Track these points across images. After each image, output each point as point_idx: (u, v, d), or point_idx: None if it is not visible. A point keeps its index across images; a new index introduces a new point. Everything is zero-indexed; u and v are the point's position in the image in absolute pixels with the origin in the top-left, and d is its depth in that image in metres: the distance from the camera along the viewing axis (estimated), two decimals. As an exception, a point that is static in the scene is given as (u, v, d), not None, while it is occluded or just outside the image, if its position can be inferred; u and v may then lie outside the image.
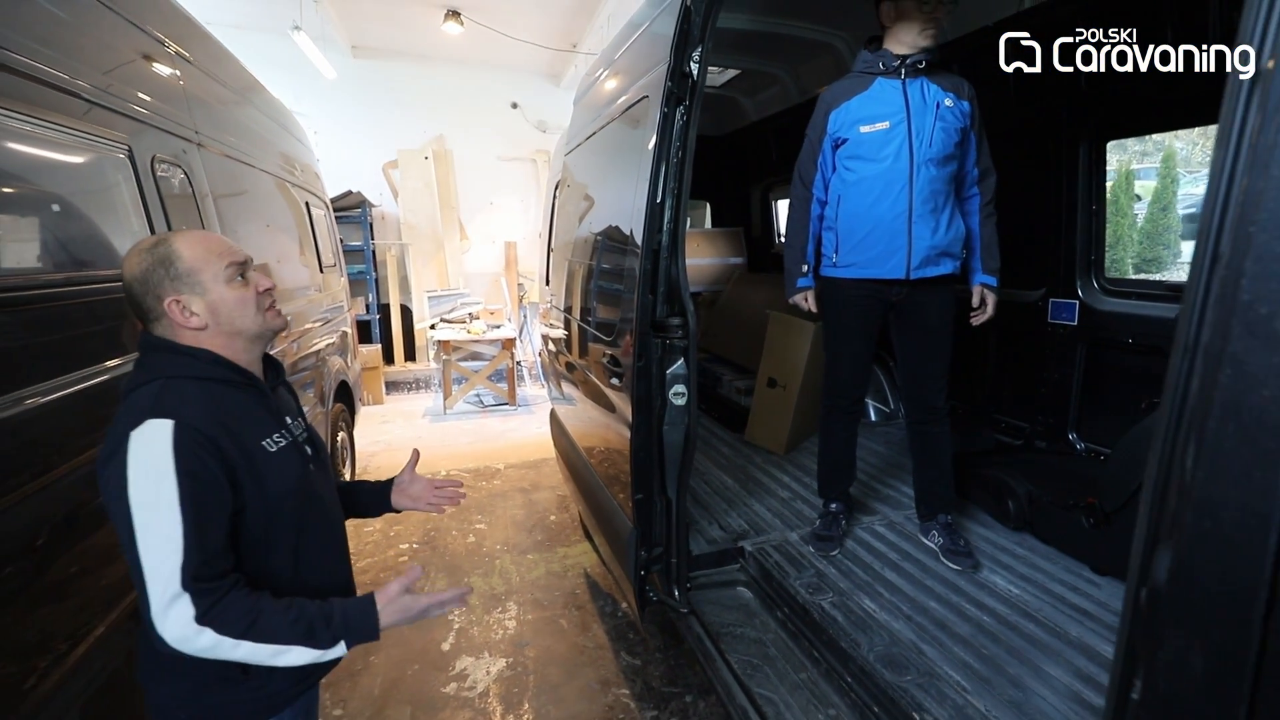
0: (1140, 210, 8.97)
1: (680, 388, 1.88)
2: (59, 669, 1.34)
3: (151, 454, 0.92)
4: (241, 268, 1.09)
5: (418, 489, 1.46)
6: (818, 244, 2.21)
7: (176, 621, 0.90)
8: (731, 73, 4.06)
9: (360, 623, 1.05)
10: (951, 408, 3.21)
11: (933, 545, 2.21)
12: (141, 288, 1.02)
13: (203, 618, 0.91)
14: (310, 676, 1.15)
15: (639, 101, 2.08)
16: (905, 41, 1.96)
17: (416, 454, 1.53)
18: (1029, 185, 2.70)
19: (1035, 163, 2.66)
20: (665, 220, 1.83)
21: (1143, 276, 8.46)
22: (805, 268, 2.21)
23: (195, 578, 0.91)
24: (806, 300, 2.24)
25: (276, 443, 1.08)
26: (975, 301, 2.14)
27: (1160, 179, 9.16)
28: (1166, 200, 8.83)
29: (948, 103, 1.97)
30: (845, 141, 2.05)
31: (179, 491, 0.91)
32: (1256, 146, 0.53)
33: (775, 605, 2.04)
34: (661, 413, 1.88)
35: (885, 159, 1.99)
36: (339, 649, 1.03)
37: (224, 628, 0.92)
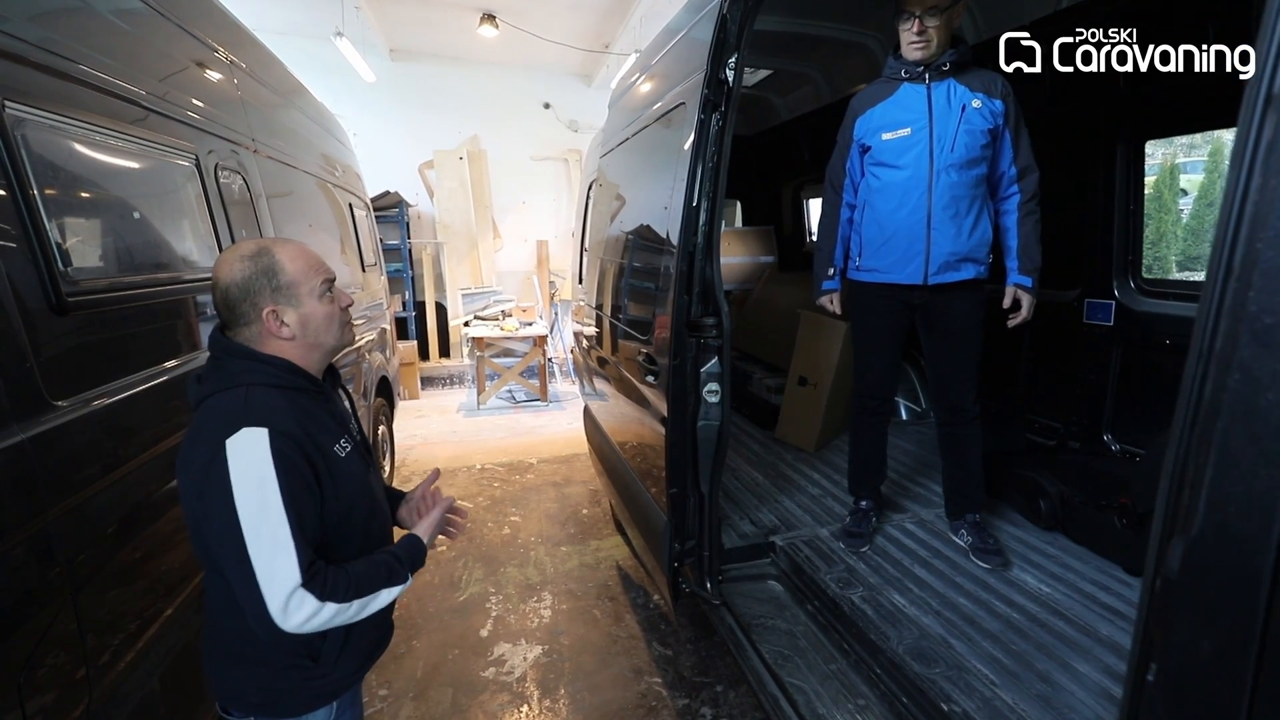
0: (1186, 206, 8.69)
1: (714, 385, 1.93)
2: (140, 641, 1.46)
3: (253, 460, 0.97)
4: (332, 284, 1.15)
5: (431, 518, 1.27)
6: (845, 247, 2.25)
7: (299, 610, 0.98)
8: (764, 73, 4.08)
9: (417, 551, 1.19)
10: (984, 407, 3.22)
11: (962, 543, 2.22)
12: (240, 293, 1.07)
13: (322, 596, 0.99)
14: (368, 661, 1.23)
15: (676, 108, 2.13)
16: (904, 52, 1.99)
17: (436, 472, 1.42)
18: (1065, 184, 2.69)
19: (1071, 162, 2.64)
20: (700, 222, 1.89)
21: (1184, 276, 8.21)
22: (831, 271, 2.25)
23: (307, 571, 0.98)
24: (831, 303, 2.29)
25: (344, 448, 1.14)
26: (1007, 303, 2.10)
27: (1208, 173, 8.86)
28: (1214, 196, 8.54)
29: (975, 104, 1.96)
30: (870, 149, 2.08)
31: (282, 496, 0.97)
32: (1267, 167, 0.57)
33: (806, 598, 2.09)
34: (695, 409, 1.94)
35: (906, 166, 2.00)
36: (409, 579, 1.15)
37: (338, 595, 1.01)
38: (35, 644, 1.14)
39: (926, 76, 1.98)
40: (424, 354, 7.66)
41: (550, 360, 7.32)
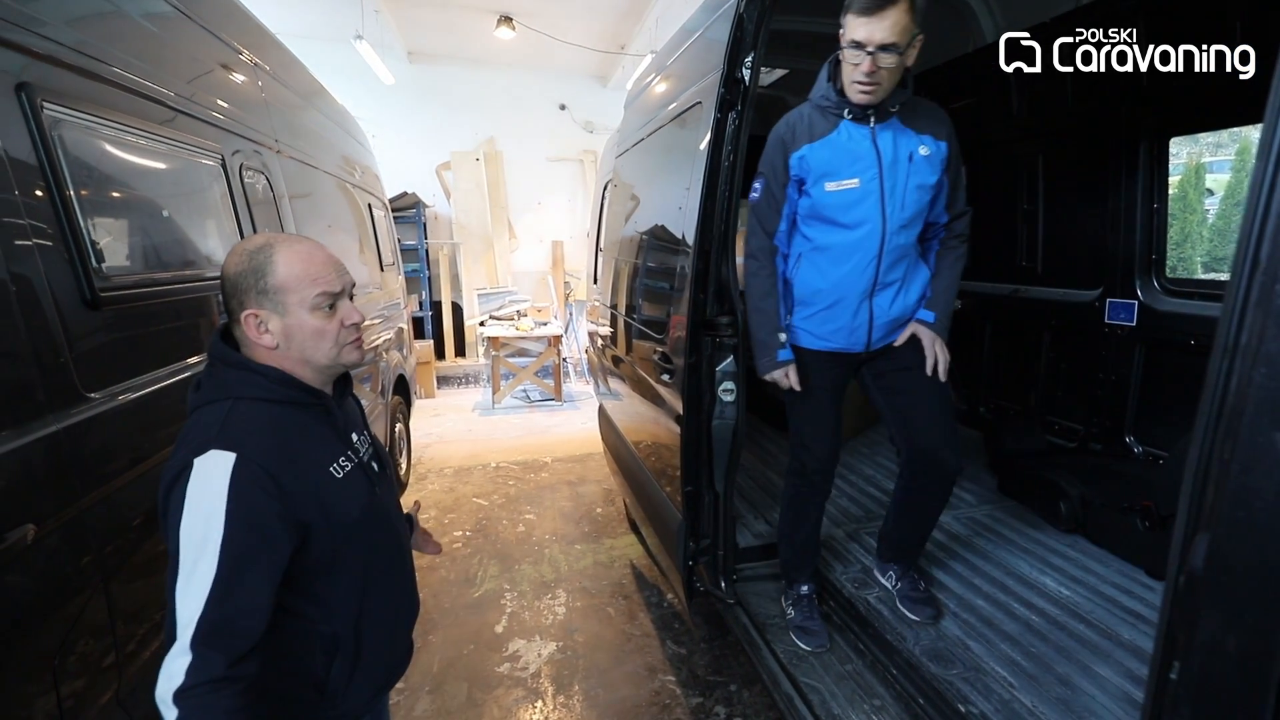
0: (1211, 205, 8.53)
1: (729, 384, 1.93)
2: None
3: (209, 489, 0.88)
4: (333, 298, 1.03)
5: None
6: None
7: (169, 678, 0.83)
8: (779, 72, 4.07)
9: None
10: (1003, 409, 3.19)
11: (889, 586, 1.99)
12: (231, 288, 0.99)
13: (180, 696, 0.82)
14: (381, 691, 1.16)
15: (692, 107, 2.14)
16: (847, 90, 1.65)
17: (418, 505, 1.45)
18: (1086, 183, 2.66)
19: (1092, 160, 2.61)
20: (716, 222, 1.89)
21: (1211, 276, 8.05)
22: (783, 337, 1.81)
23: (205, 639, 0.84)
24: (788, 377, 1.81)
25: (343, 467, 1.04)
26: (901, 339, 1.81)
27: (1235, 172, 8.71)
28: (1241, 195, 8.38)
29: (923, 151, 1.67)
30: (809, 195, 1.74)
31: (223, 537, 0.87)
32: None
33: (821, 599, 2.08)
34: (711, 408, 1.94)
35: (855, 225, 1.69)
36: None
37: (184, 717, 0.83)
38: (68, 630, 1.17)
39: (872, 118, 1.66)
40: (440, 353, 7.73)
41: (565, 360, 7.35)
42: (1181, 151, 8.43)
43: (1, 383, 1.11)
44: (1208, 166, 8.92)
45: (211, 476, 0.89)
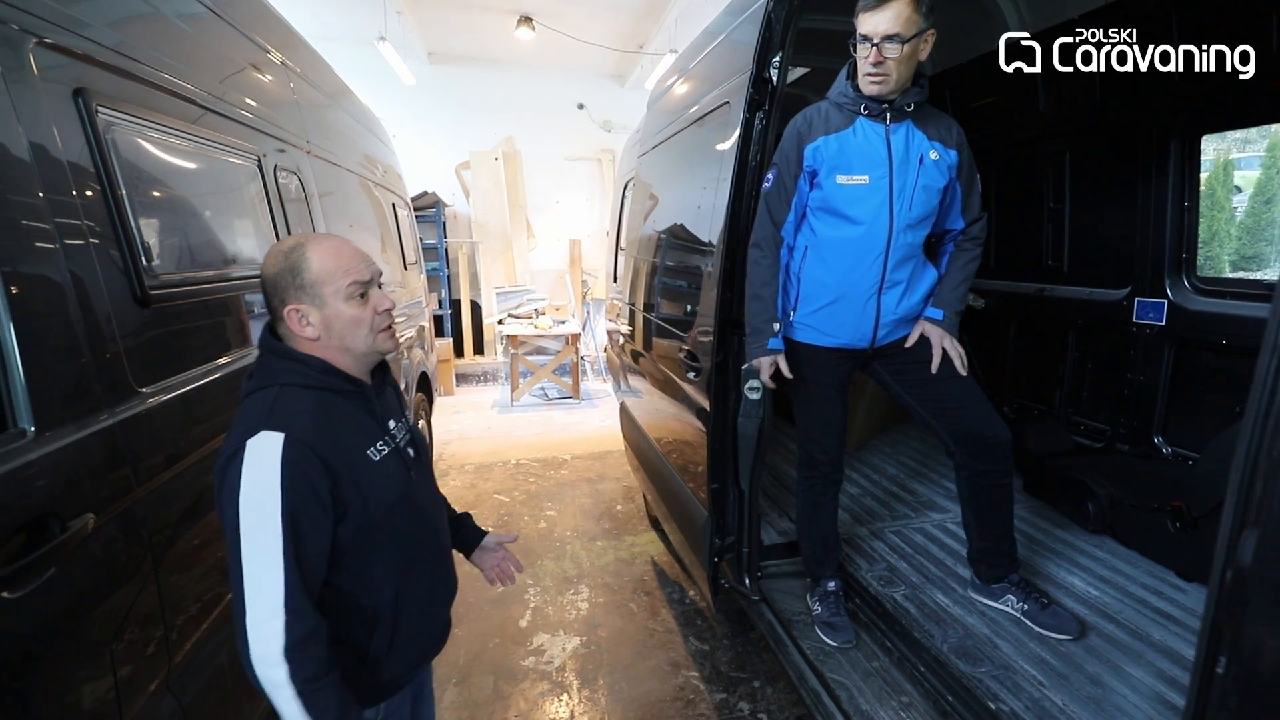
0: (1240, 203, 8.37)
1: (755, 383, 1.94)
2: (211, 617, 1.54)
3: (262, 464, 0.97)
4: (364, 286, 1.10)
5: (492, 560, 1.47)
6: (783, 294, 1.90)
7: (265, 640, 0.93)
8: (800, 71, 4.06)
9: None
10: (1028, 408, 3.17)
11: (1013, 611, 1.88)
12: (271, 288, 1.08)
13: (289, 651, 0.93)
14: (421, 662, 1.21)
15: (718, 108, 2.15)
16: (860, 83, 1.72)
17: (514, 537, 1.54)
18: (1114, 181, 2.63)
19: (1121, 158, 2.58)
20: (744, 220, 1.91)
21: (1241, 275, 7.90)
22: (776, 326, 1.83)
23: (293, 598, 0.95)
24: (775, 366, 1.83)
25: (380, 451, 1.11)
26: (911, 339, 1.85)
27: (1265, 169, 8.53)
28: (1271, 192, 8.20)
29: (933, 155, 1.72)
30: (820, 187, 1.77)
31: (281, 505, 0.96)
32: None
33: (846, 596, 2.09)
34: (736, 406, 1.96)
35: (862, 220, 1.73)
36: None
37: (297, 670, 0.94)
38: (124, 617, 1.22)
39: (887, 116, 1.71)
40: (459, 351, 7.80)
41: (583, 358, 7.39)
42: (1208, 147, 8.29)
43: (62, 378, 1.15)
44: (1236, 163, 8.75)
45: (264, 454, 0.97)
